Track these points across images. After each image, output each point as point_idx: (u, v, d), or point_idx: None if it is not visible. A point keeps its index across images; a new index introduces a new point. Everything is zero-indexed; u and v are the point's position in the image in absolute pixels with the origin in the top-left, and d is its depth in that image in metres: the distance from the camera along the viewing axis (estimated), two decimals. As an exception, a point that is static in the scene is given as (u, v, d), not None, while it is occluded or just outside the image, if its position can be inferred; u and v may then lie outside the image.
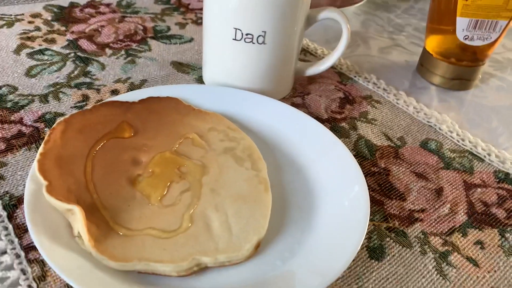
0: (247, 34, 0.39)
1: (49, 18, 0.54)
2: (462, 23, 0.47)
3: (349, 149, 0.40)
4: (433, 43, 0.51)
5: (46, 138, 0.32)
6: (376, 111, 0.45)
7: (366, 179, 0.37)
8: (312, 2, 0.42)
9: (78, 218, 0.28)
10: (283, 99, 0.45)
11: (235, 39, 0.40)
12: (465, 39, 0.48)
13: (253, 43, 0.40)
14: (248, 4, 0.38)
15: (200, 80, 0.47)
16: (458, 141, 0.43)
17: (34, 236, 0.27)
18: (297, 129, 0.39)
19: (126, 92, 0.43)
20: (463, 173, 0.39)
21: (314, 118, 0.42)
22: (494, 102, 0.50)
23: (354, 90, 0.48)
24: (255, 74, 0.42)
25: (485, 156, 0.41)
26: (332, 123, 0.43)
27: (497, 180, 0.39)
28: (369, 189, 0.36)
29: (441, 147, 0.41)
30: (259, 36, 0.39)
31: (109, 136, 0.35)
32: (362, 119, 0.44)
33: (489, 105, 0.49)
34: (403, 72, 0.53)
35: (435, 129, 0.44)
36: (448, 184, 0.38)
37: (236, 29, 0.39)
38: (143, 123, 0.37)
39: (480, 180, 0.38)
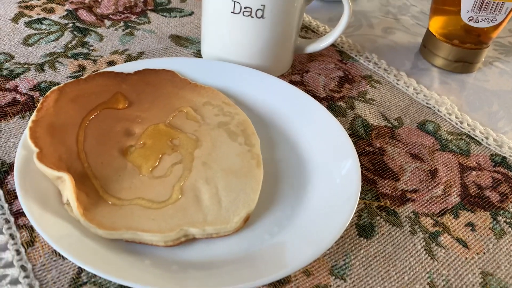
0: (245, 7, 0.39)
1: (49, -13, 0.53)
2: (467, 4, 0.46)
3: (345, 128, 0.39)
4: (437, 24, 0.50)
5: (38, 106, 0.32)
6: (375, 91, 0.45)
7: (360, 158, 0.37)
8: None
9: (67, 186, 0.28)
10: (281, 76, 0.45)
11: (233, 12, 0.39)
12: (470, 20, 0.47)
13: (252, 17, 0.39)
14: (248, -23, 0.37)
15: (198, 54, 0.46)
16: (456, 124, 0.42)
17: (23, 202, 0.27)
18: (293, 106, 0.38)
19: (123, 63, 0.43)
20: (459, 156, 0.38)
21: (312, 96, 0.42)
22: (496, 86, 0.49)
23: (354, 69, 0.48)
24: (253, 49, 0.42)
25: (482, 140, 0.41)
26: (330, 102, 0.42)
27: (493, 163, 0.38)
28: (362, 168, 0.36)
29: (439, 129, 0.41)
30: (258, 9, 0.39)
31: (103, 107, 0.35)
32: (360, 98, 0.43)
33: (491, 89, 0.49)
34: (405, 53, 0.52)
35: (434, 111, 0.43)
36: (443, 166, 0.37)
37: (234, 1, 0.39)
38: (138, 94, 0.37)
39: (476, 163, 0.38)
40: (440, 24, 0.50)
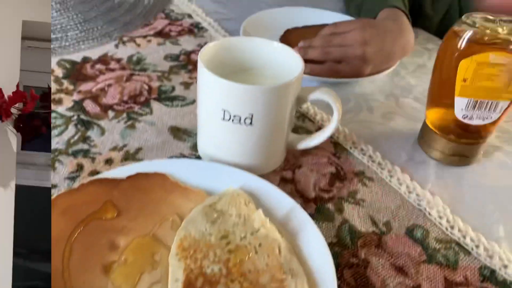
0: (234, 116, 0.40)
1: (60, 75, 0.56)
2: (461, 103, 0.46)
3: (331, 236, 0.40)
4: (433, 116, 0.50)
5: (29, 221, 0.34)
6: (367, 190, 0.45)
7: (343, 271, 0.37)
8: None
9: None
10: (273, 173, 0.46)
11: (223, 119, 0.41)
12: (464, 118, 0.47)
13: (241, 124, 0.41)
14: (235, 89, 0.39)
15: (194, 148, 0.48)
16: (446, 229, 0.42)
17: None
18: (279, 213, 0.39)
19: (120, 161, 0.45)
20: (445, 268, 0.38)
21: (301, 196, 0.43)
22: (494, 181, 0.48)
23: (347, 164, 0.48)
24: (244, 151, 0.43)
25: (472, 248, 0.40)
26: (318, 204, 0.43)
27: (482, 278, 0.38)
28: (344, 284, 0.36)
29: (427, 236, 0.41)
30: (246, 118, 0.40)
31: (92, 217, 0.37)
32: (350, 199, 0.44)
33: (488, 184, 0.48)
34: (402, 143, 0.52)
35: (425, 213, 0.43)
36: (428, 281, 0.37)
37: (224, 110, 0.40)
38: (128, 202, 0.39)
39: (463, 277, 0.37)
40: (436, 117, 0.50)
